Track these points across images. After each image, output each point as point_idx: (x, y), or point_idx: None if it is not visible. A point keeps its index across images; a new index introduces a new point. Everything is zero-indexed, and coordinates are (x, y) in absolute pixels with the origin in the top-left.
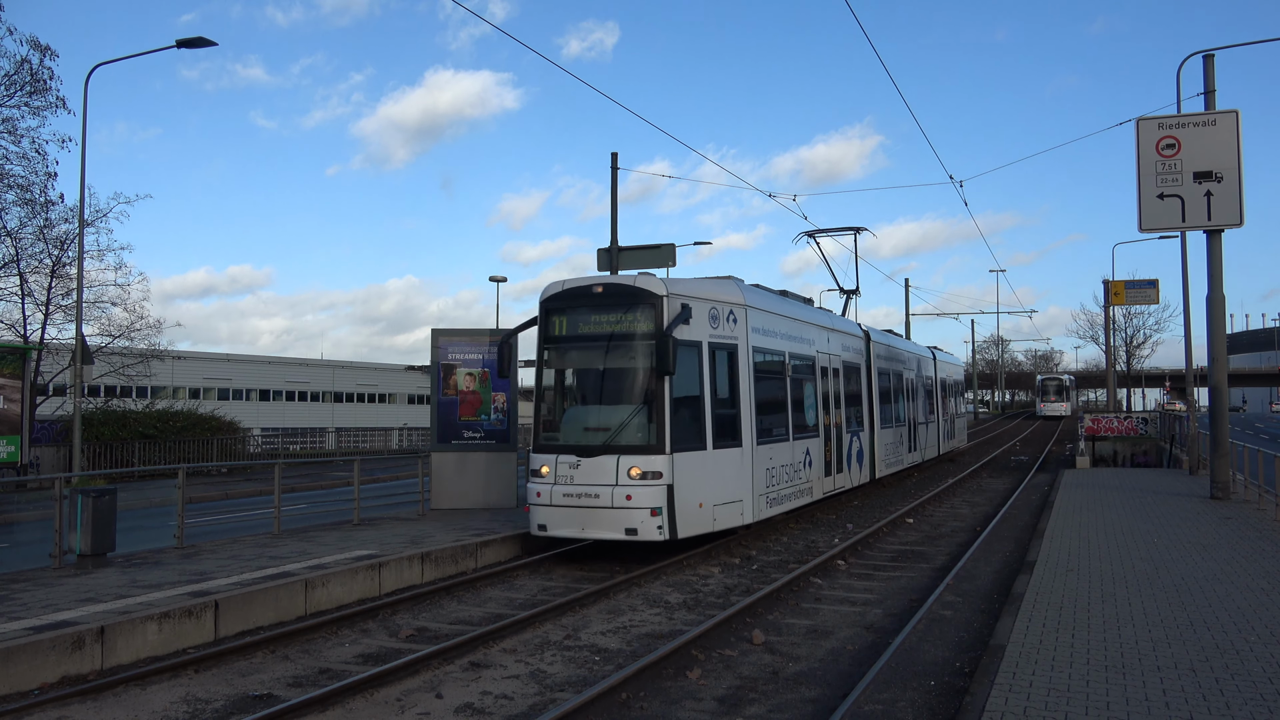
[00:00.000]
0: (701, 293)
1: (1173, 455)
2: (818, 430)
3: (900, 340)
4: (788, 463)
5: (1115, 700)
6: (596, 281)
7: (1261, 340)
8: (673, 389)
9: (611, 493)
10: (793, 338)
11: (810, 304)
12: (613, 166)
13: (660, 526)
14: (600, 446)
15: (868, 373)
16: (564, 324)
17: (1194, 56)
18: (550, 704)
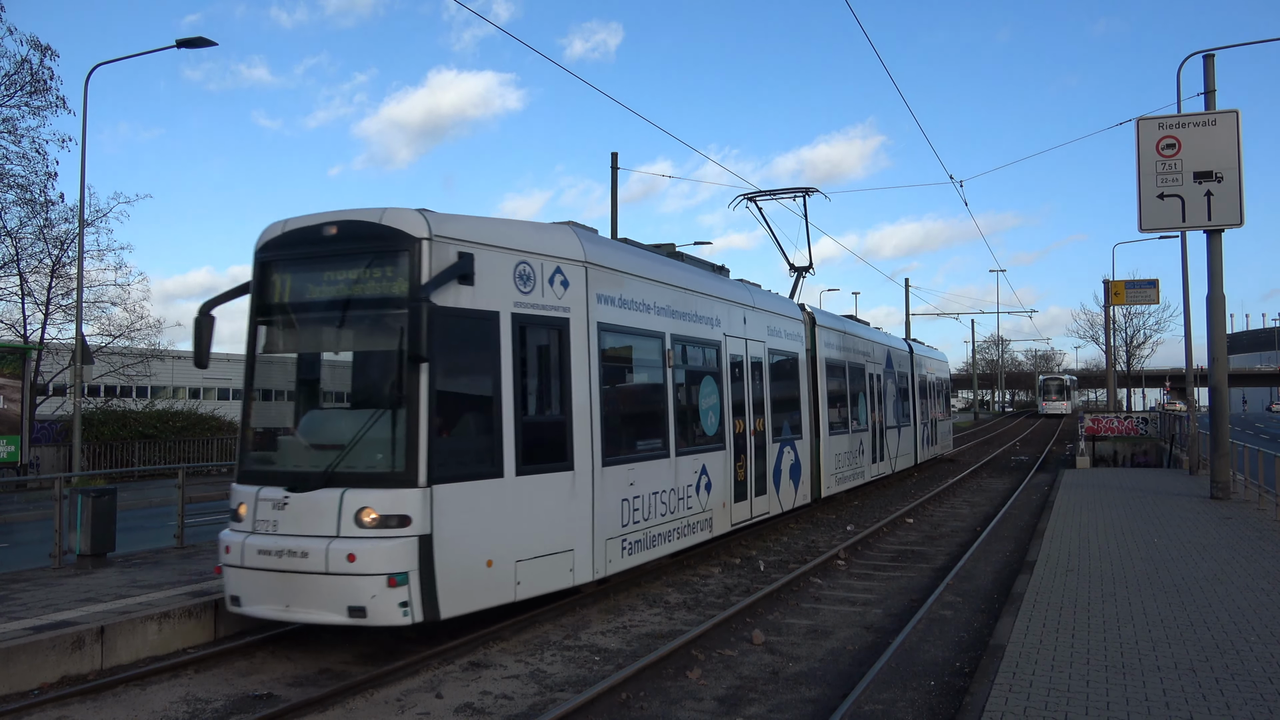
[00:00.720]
0: (502, 238)
1: (1173, 455)
2: (722, 440)
3: (862, 328)
4: (666, 488)
5: (1115, 700)
6: (329, 219)
7: (1261, 340)
8: (435, 384)
9: (327, 549)
10: (680, 315)
11: (723, 273)
12: (613, 166)
13: (405, 604)
14: (318, 475)
15: (811, 366)
16: (281, 286)
17: (1194, 56)
18: (550, 704)
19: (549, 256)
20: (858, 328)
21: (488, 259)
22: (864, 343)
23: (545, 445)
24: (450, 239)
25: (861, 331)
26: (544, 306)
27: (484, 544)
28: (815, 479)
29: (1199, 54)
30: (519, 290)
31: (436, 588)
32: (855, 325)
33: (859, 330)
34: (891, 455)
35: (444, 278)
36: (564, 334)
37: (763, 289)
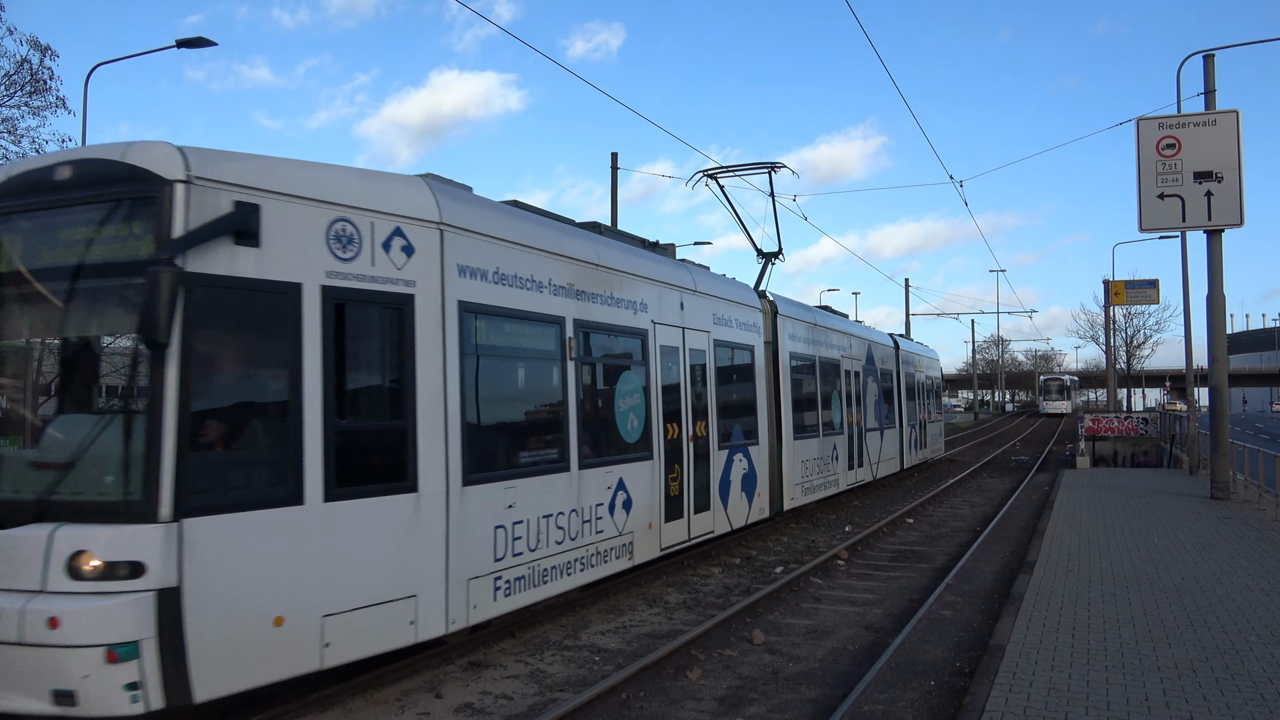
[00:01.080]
0: (309, 187)
1: (1173, 455)
2: (648, 448)
3: (838, 320)
4: (564, 509)
5: (1115, 700)
6: (63, 159)
7: (1261, 340)
8: (190, 379)
9: (22, 611)
10: (588, 296)
11: (663, 251)
12: (613, 166)
13: (135, 685)
14: (27, 505)
15: (772, 362)
16: (4, 247)
17: (1194, 56)
18: (550, 704)
19: (384, 214)
20: (832, 320)
21: (284, 213)
22: (840, 336)
23: (373, 460)
24: (222, 183)
25: (837, 324)
26: (374, 279)
27: (269, 595)
28: (776, 490)
29: (1199, 54)
30: (335, 256)
31: (187, 660)
32: (829, 317)
33: (834, 323)
34: (872, 460)
35: (208, 234)
36: (406, 314)
37: (710, 271)
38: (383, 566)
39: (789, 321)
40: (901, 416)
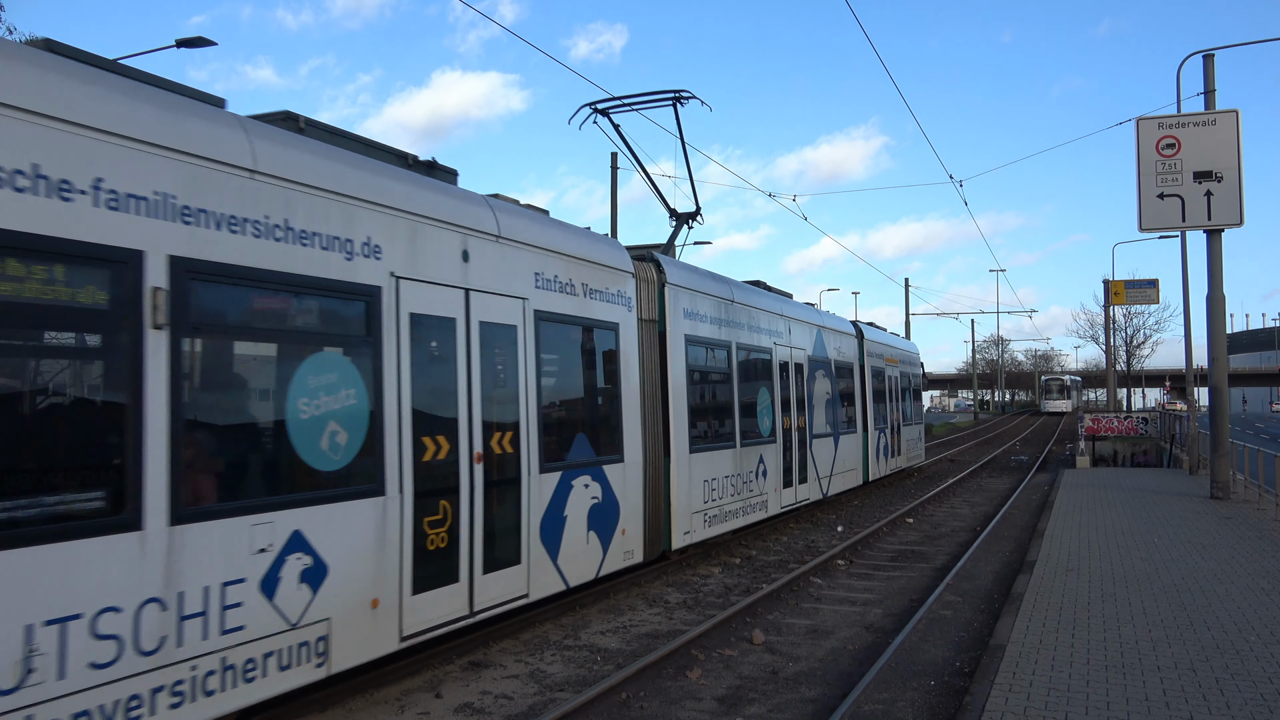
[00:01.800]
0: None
1: (1173, 455)
2: (375, 481)
3: (767, 297)
4: (134, 599)
5: (1115, 700)
6: None
7: (1261, 340)
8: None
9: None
10: (230, 228)
11: (432, 173)
12: (613, 166)
13: None
14: None
15: (657, 346)
16: None
17: (1194, 56)
18: (550, 704)
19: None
20: (761, 297)
21: None
22: (772, 320)
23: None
24: None
25: (768, 303)
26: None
27: None
28: (659, 523)
29: (1199, 54)
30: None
31: None
32: (756, 294)
33: (763, 301)
34: (822, 474)
35: None
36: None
37: (522, 205)
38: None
39: (684, 294)
40: (865, 419)
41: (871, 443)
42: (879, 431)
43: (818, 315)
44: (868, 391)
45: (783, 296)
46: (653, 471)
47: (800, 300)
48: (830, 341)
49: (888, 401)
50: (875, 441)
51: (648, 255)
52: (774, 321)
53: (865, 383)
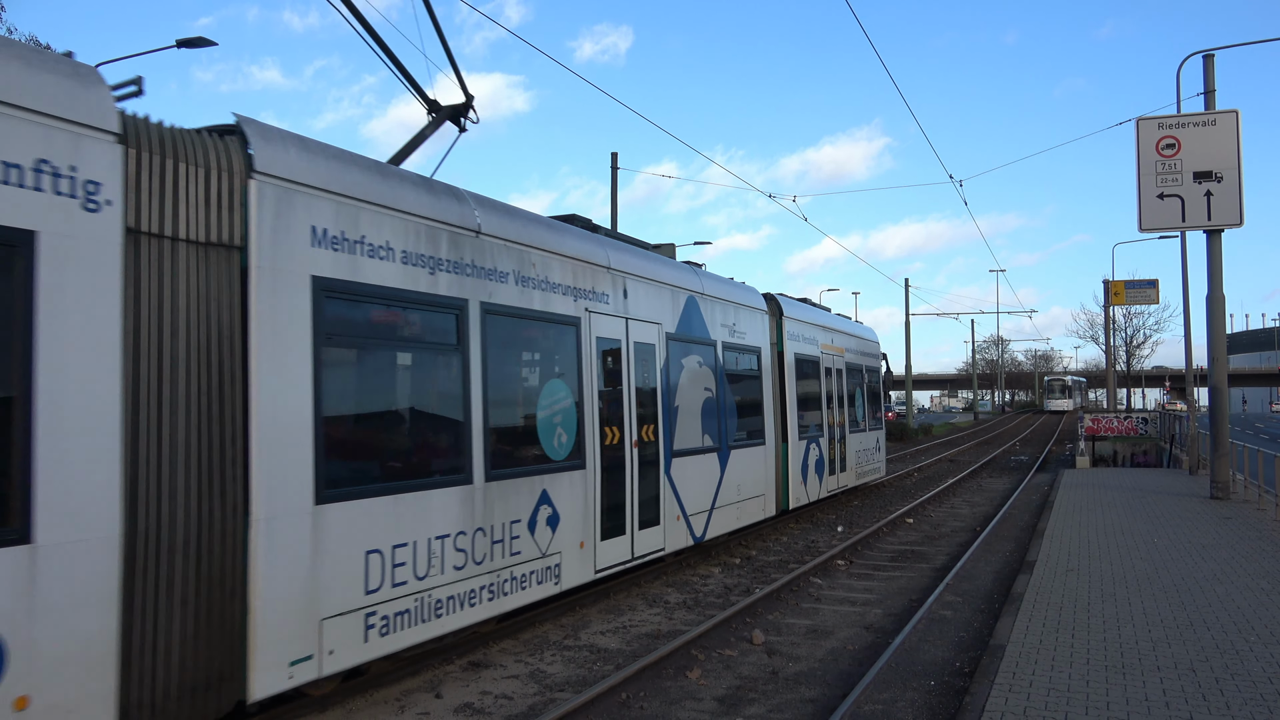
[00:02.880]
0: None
1: (1173, 455)
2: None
3: (570, 235)
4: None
5: (1115, 700)
6: None
7: (1261, 340)
8: None
9: None
10: None
11: None
12: (613, 166)
13: None
14: None
15: (263, 297)
16: None
17: (1194, 56)
18: (550, 704)
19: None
20: (562, 236)
21: None
22: (577, 269)
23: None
24: None
25: (571, 244)
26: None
27: None
28: (232, 637)
29: (1199, 54)
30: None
31: None
32: (534, 225)
33: (550, 238)
34: (689, 509)
35: None
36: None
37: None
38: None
39: (307, 200)
40: (784, 426)
41: (793, 457)
42: (808, 442)
43: (694, 277)
44: (788, 388)
45: (629, 243)
46: (224, 553)
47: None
48: (715, 316)
49: (827, 402)
50: (799, 455)
51: (237, 125)
52: (584, 274)
53: (785, 377)
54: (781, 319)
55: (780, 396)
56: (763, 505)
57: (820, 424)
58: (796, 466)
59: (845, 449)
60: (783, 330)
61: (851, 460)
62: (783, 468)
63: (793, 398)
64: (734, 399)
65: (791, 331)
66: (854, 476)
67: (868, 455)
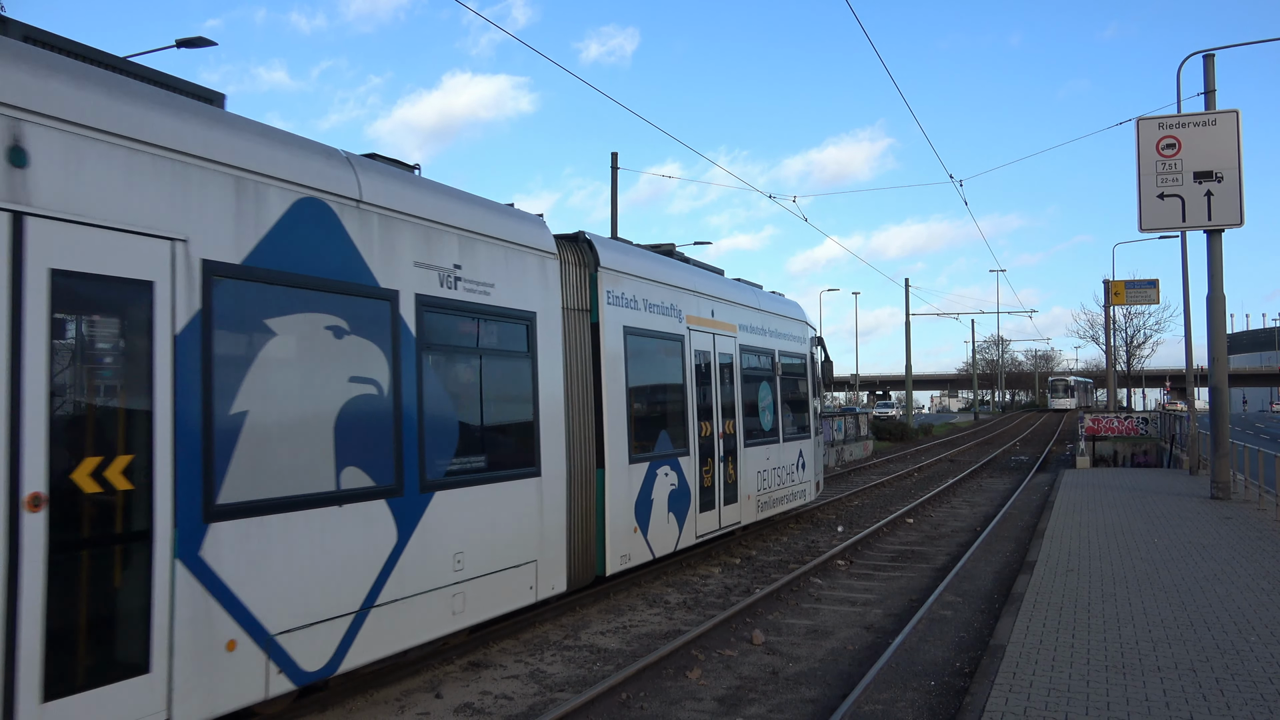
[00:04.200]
0: None
1: (1173, 455)
2: (684, 446)
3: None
4: None
5: (1115, 700)
6: None
7: (1261, 340)
8: None
9: None
10: None
11: None
12: (613, 166)
13: None
14: None
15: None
16: None
17: (1194, 56)
18: (550, 704)
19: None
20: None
21: None
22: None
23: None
24: None
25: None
26: None
27: None
28: None
29: (1199, 54)
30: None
31: None
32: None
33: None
34: (337, 607)
35: None
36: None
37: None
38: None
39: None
40: (600, 445)
41: (617, 492)
42: (654, 466)
43: (462, 202)
44: (608, 381)
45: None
46: None
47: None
48: (441, 254)
49: (701, 402)
50: (630, 488)
51: None
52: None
53: (602, 362)
54: (597, 271)
55: (589, 393)
56: (527, 581)
57: (684, 436)
58: (623, 506)
59: (737, 471)
60: (599, 289)
61: (749, 485)
62: (596, 509)
63: (619, 396)
64: (449, 403)
65: (619, 293)
66: (754, 508)
67: (781, 476)
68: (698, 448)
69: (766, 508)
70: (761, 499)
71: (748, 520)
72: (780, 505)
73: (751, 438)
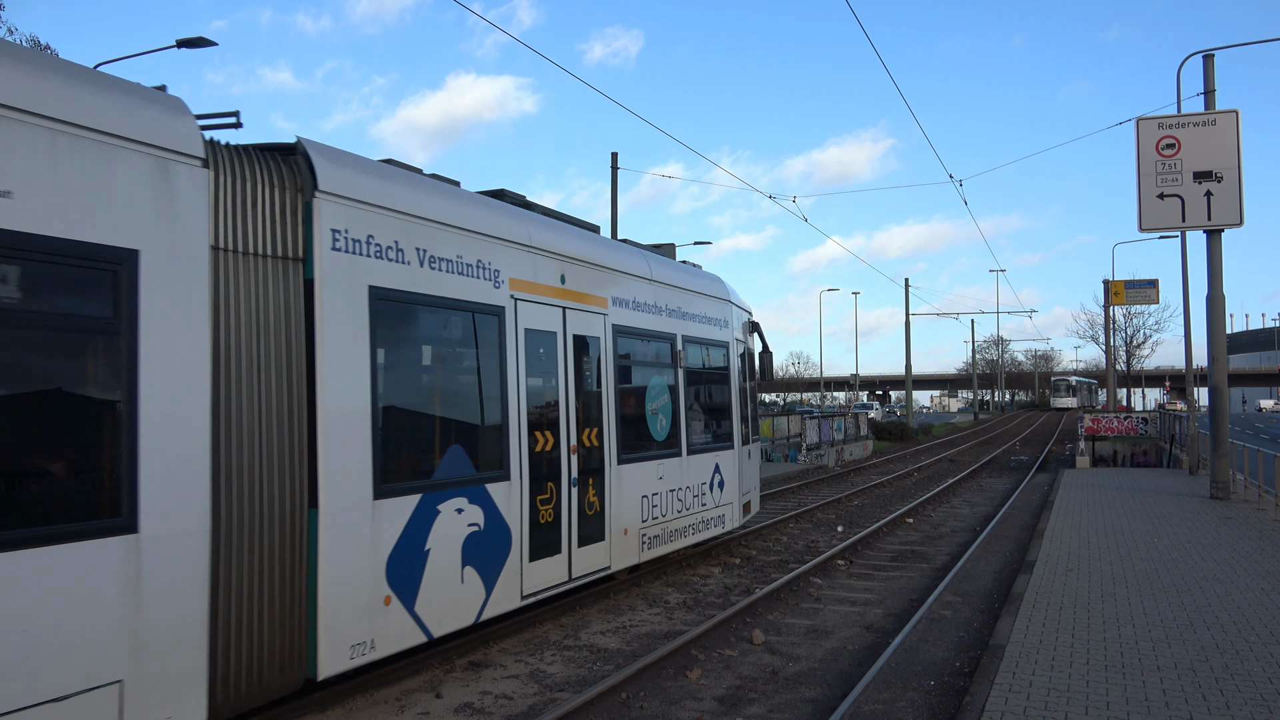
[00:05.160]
0: None
1: (1173, 455)
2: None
3: None
4: None
5: (1115, 700)
6: None
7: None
8: None
9: None
10: None
11: None
12: (613, 166)
13: None
14: None
15: None
16: None
17: (1194, 57)
18: (550, 704)
19: None
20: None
21: None
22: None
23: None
24: None
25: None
26: None
27: None
28: None
29: (1199, 54)
30: None
31: None
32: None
33: None
34: None
35: None
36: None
37: None
38: None
39: None
40: (310, 472)
41: (348, 545)
42: (440, 501)
43: None
44: (330, 372)
45: None
46: None
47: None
48: None
49: (530, 404)
50: (390, 536)
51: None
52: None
53: (317, 343)
54: (315, 199)
55: (291, 390)
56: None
57: (501, 453)
58: (360, 565)
59: (604, 497)
60: (315, 225)
61: (626, 515)
62: (309, 574)
63: (356, 394)
64: None
65: (359, 235)
66: (636, 545)
67: (684, 499)
68: (527, 469)
69: (659, 543)
70: (650, 532)
71: (624, 563)
72: (685, 537)
73: (632, 451)
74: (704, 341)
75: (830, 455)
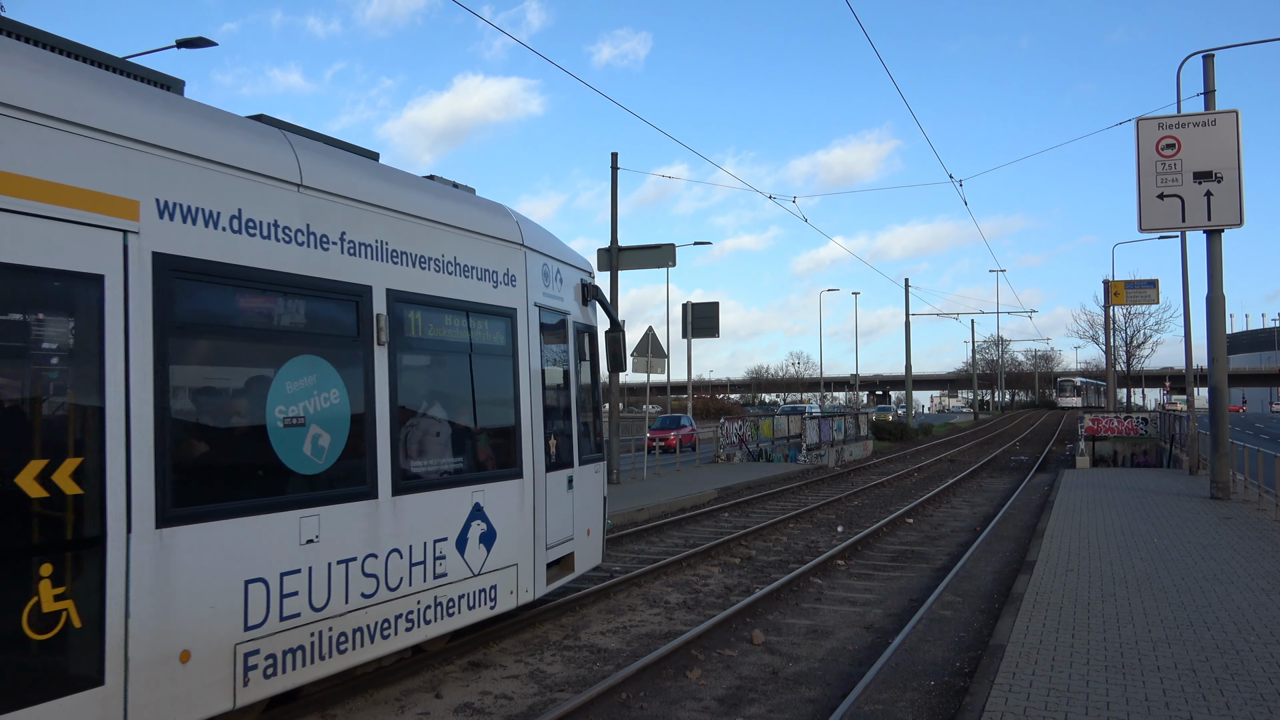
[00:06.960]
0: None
1: (1173, 455)
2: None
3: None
4: None
5: (1115, 700)
6: None
7: (1261, 340)
8: None
9: None
10: None
11: None
12: (613, 167)
13: None
14: None
15: None
16: None
17: (1194, 57)
18: (550, 704)
19: None
20: None
21: None
22: None
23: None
24: None
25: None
26: None
27: None
28: None
29: (1199, 54)
30: None
31: None
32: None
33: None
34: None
35: None
36: None
37: None
38: None
39: None
40: None
41: None
42: None
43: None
44: None
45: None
46: None
47: None
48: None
49: None
50: None
51: None
52: None
53: None
54: None
55: None
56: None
57: None
58: None
59: (104, 599)
60: None
61: (171, 633)
62: None
63: None
64: None
65: None
66: (214, 680)
67: (390, 572)
68: None
69: (307, 659)
70: (273, 646)
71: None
72: (391, 636)
73: (217, 497)
74: (454, 305)
75: (830, 455)
